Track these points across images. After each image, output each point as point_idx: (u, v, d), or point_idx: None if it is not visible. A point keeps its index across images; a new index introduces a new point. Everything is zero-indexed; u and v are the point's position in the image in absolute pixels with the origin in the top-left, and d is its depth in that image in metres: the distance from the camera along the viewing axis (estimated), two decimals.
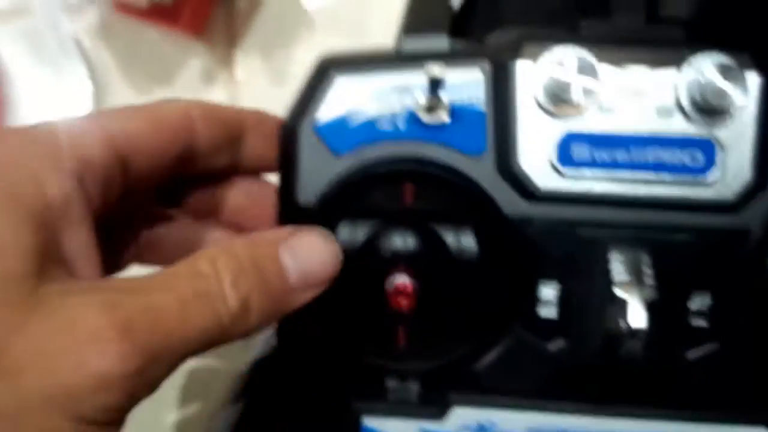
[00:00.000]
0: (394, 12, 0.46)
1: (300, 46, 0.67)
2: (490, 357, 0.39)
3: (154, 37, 0.68)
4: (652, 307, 0.34)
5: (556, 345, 0.38)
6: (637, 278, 0.35)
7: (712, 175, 0.37)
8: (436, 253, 0.39)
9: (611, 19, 0.40)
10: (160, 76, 0.69)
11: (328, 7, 0.66)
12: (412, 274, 0.38)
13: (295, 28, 0.67)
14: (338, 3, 0.66)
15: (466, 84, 0.38)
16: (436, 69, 0.35)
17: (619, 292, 0.35)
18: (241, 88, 0.68)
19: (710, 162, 0.37)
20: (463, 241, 0.39)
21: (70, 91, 0.67)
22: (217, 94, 0.67)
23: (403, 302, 0.37)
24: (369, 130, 0.38)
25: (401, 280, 0.37)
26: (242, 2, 0.68)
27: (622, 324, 0.34)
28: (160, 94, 0.67)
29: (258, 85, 0.67)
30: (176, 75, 0.69)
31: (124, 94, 0.68)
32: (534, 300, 0.38)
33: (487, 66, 0.38)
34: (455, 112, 0.38)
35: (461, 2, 0.46)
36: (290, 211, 0.39)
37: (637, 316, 0.34)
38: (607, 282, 0.36)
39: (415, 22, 0.43)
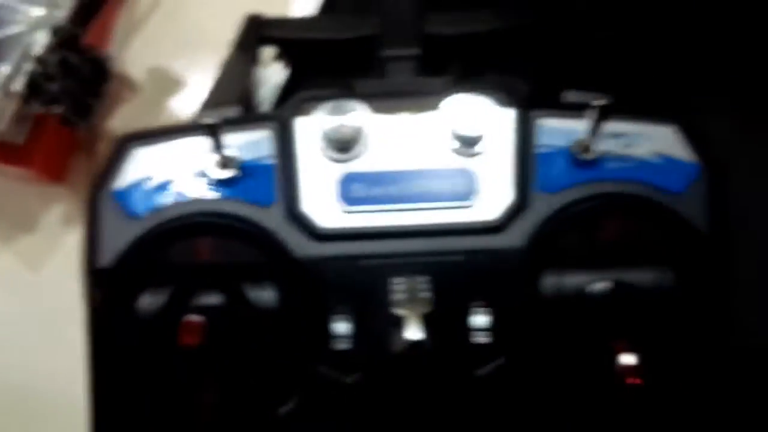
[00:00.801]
0: None
1: None
2: (294, 401, 0.40)
3: (17, 186, 0.70)
4: (431, 323, 0.36)
5: (354, 377, 0.39)
6: (412, 296, 0.37)
7: (476, 200, 0.40)
8: (236, 307, 0.40)
9: (385, 78, 0.44)
10: (24, 222, 0.70)
11: None
12: (209, 324, 0.39)
13: None
14: None
15: (256, 143, 0.42)
16: (209, 117, 0.38)
17: (397, 311, 0.37)
18: None
19: (472, 189, 0.40)
20: (262, 291, 0.41)
21: None
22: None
23: (192, 339, 0.38)
24: (165, 192, 0.41)
25: (192, 317, 0.38)
26: (103, 145, 0.71)
27: (402, 341, 0.36)
28: (22, 240, 0.68)
29: None
30: (38, 220, 0.71)
31: None
32: (329, 336, 0.39)
33: (273, 126, 0.42)
34: (246, 168, 0.41)
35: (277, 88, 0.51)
36: (91, 275, 0.40)
37: (413, 329, 0.36)
38: (389, 305, 0.37)
39: (211, 99, 0.47)
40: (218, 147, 0.39)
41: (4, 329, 0.66)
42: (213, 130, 0.39)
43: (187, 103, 0.71)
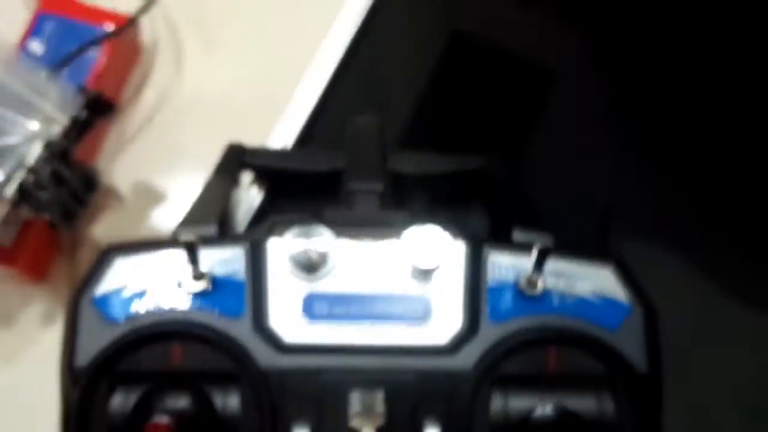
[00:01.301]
0: None
1: None
2: None
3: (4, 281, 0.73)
4: None
5: None
6: (367, 410, 0.41)
7: (429, 324, 0.44)
8: (202, 412, 0.43)
9: (351, 209, 0.48)
10: (5, 318, 0.73)
11: None
12: (174, 427, 0.42)
13: None
14: None
15: (228, 260, 0.45)
16: (187, 234, 0.42)
17: (353, 422, 0.40)
18: None
19: (427, 313, 0.44)
20: (228, 398, 0.43)
21: None
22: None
23: None
24: (141, 300, 0.44)
25: (158, 419, 0.41)
26: (85, 249, 0.75)
27: None
28: (4, 337, 0.71)
29: None
30: (17, 318, 0.73)
31: None
32: None
33: (246, 245, 0.45)
34: (218, 282, 0.44)
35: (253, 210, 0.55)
36: (68, 375, 0.43)
37: None
38: (346, 417, 0.41)
39: (191, 216, 0.51)
40: (194, 262, 0.43)
41: None
42: (189, 247, 0.42)
43: (167, 217, 0.75)
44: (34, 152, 0.64)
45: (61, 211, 0.67)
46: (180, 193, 0.77)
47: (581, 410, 0.43)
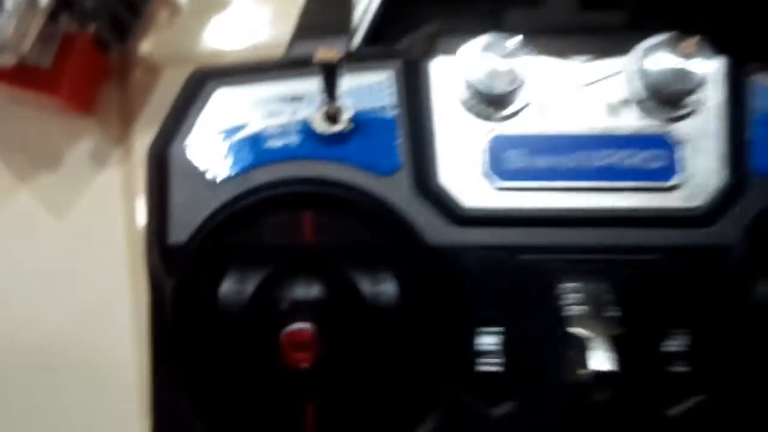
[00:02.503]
0: None
1: None
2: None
3: (40, 116, 0.60)
4: (618, 348, 0.26)
5: (503, 408, 0.30)
6: (596, 311, 0.27)
7: (676, 179, 0.30)
8: (345, 301, 0.30)
9: (539, 8, 0.33)
10: (44, 159, 0.60)
11: None
12: (316, 330, 0.29)
13: None
14: None
15: (372, 88, 0.31)
16: (329, 53, 0.28)
17: (575, 330, 0.27)
18: (139, 169, 0.60)
19: (672, 164, 0.30)
20: (379, 283, 0.31)
21: None
22: (111, 178, 0.59)
23: (303, 358, 0.28)
24: (255, 149, 0.31)
25: (297, 327, 0.28)
26: (137, 73, 0.60)
27: (582, 371, 0.26)
28: (45, 179, 0.58)
29: None
30: (63, 157, 0.60)
31: (4, 181, 0.59)
32: (471, 353, 0.30)
33: (396, 66, 0.31)
34: (360, 121, 0.31)
35: (373, 13, 0.39)
36: (161, 254, 0.30)
37: (600, 358, 0.26)
38: (560, 320, 0.27)
39: (308, 26, 0.36)
40: (331, 91, 0.29)
41: (20, 280, 0.58)
42: (328, 69, 0.28)
43: (234, 32, 0.60)
44: None
45: (111, 22, 0.52)
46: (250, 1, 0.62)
47: None
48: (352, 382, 0.30)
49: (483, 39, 0.30)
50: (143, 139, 0.60)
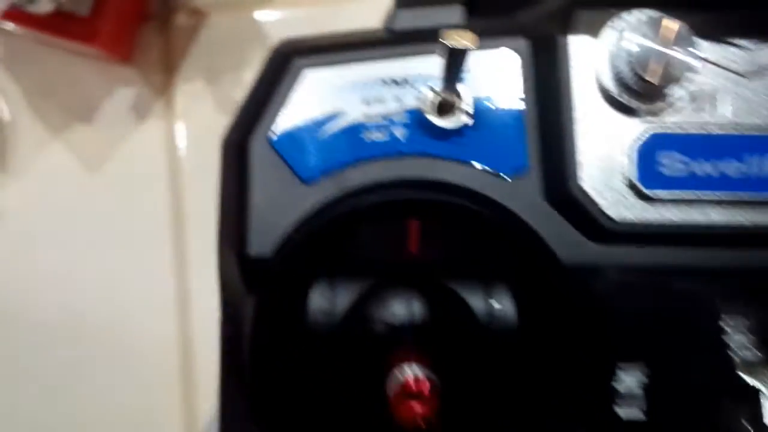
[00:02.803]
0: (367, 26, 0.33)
1: (250, 69, 0.54)
2: None
3: (75, 63, 0.54)
4: None
5: None
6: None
7: None
8: (456, 326, 0.25)
9: None
10: (81, 109, 0.55)
11: (287, 20, 0.53)
12: (427, 361, 0.24)
13: (246, 47, 0.54)
14: (299, 15, 0.53)
15: (495, 72, 0.25)
16: (464, 37, 0.22)
17: (744, 376, 0.22)
18: (182, 121, 0.54)
19: None
20: (498, 306, 0.25)
21: None
22: (152, 130, 0.54)
23: (418, 410, 0.23)
24: (353, 144, 0.25)
25: (412, 372, 0.23)
26: (180, 18, 0.54)
27: (750, 426, 0.21)
28: (81, 131, 0.53)
29: (202, 117, 0.53)
30: (101, 107, 0.55)
31: (37, 133, 0.54)
32: (610, 393, 0.25)
33: (524, 45, 0.25)
34: (479, 112, 0.25)
35: None
36: (240, 266, 0.25)
37: None
38: (724, 361, 0.22)
39: None
40: (453, 81, 0.23)
41: (49, 246, 0.54)
42: (456, 56, 0.22)
43: None
44: None
45: None
46: None
47: None
48: (462, 422, 0.25)
49: (634, 15, 0.24)
50: (187, 89, 0.55)
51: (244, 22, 0.54)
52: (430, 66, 0.25)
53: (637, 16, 0.24)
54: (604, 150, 0.25)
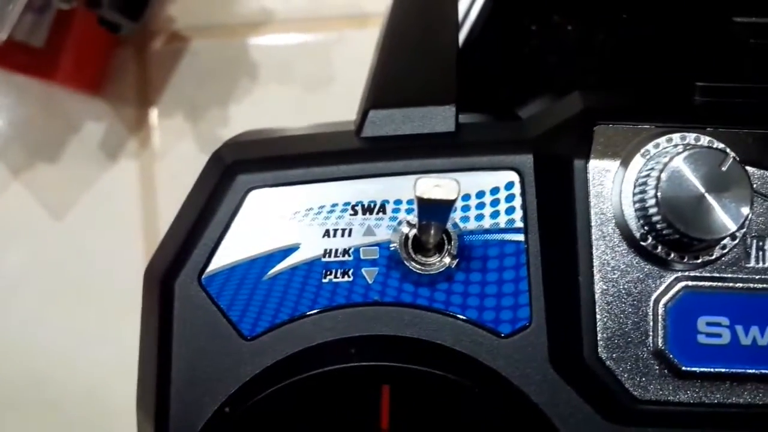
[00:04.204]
0: (366, 57, 0.27)
1: (238, 102, 0.49)
2: None
3: (37, 95, 0.49)
4: None
5: None
6: None
7: None
8: None
9: (742, 74, 0.21)
10: (44, 149, 0.50)
11: (278, 47, 0.48)
12: None
13: (234, 77, 0.49)
14: (291, 41, 0.48)
15: (486, 196, 0.20)
16: (446, 187, 0.16)
17: None
18: (159, 161, 0.49)
19: None
20: None
21: None
22: (125, 171, 0.49)
23: None
24: (308, 287, 0.20)
25: None
26: (158, 43, 0.49)
27: None
28: (44, 173, 0.48)
29: (182, 156, 0.48)
30: (66, 145, 0.50)
31: None
32: None
33: (528, 163, 0.20)
34: (469, 249, 0.20)
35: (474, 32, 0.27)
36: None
37: None
38: None
39: (391, 83, 0.24)
40: (430, 215, 0.18)
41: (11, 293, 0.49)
42: (433, 205, 0.17)
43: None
44: None
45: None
46: None
47: None
48: None
49: (672, 140, 0.18)
50: (165, 125, 0.50)
51: (231, 48, 0.49)
52: (409, 187, 0.20)
53: (676, 141, 0.19)
54: (627, 307, 0.19)
